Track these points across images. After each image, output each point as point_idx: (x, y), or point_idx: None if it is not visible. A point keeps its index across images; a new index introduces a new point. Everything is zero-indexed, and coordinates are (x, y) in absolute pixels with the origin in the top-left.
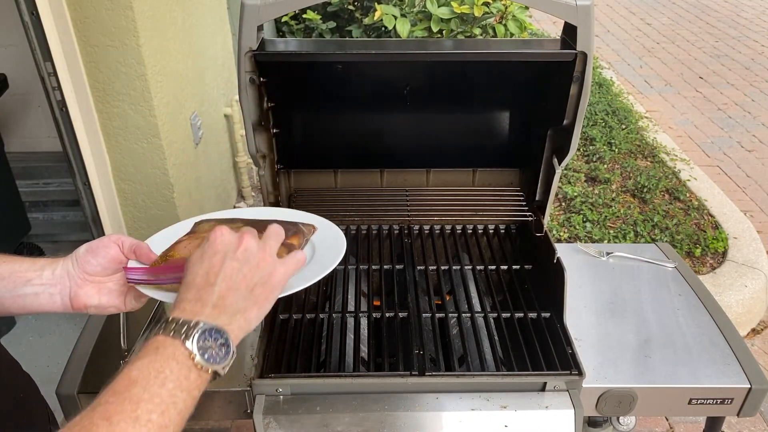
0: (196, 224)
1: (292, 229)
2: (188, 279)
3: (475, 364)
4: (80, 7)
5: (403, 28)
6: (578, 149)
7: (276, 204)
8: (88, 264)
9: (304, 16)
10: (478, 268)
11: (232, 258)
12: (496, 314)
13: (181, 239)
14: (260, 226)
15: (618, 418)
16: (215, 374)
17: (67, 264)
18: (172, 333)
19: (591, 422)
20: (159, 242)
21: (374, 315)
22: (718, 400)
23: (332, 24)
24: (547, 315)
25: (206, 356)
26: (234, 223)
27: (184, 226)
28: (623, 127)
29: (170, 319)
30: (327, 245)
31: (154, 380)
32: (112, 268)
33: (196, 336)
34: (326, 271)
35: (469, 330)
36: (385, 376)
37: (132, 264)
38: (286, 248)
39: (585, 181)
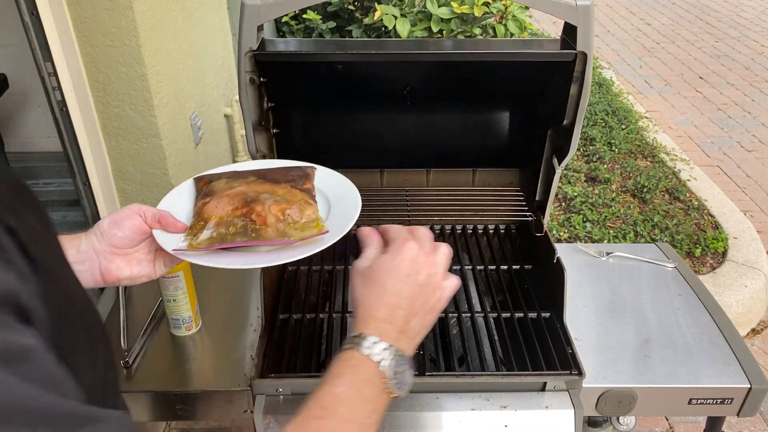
0: (202, 183)
1: (302, 175)
2: (379, 293)
3: (475, 364)
4: (80, 7)
5: (403, 28)
6: (578, 149)
7: None
8: (115, 237)
9: (304, 16)
10: (478, 268)
11: (417, 283)
12: (496, 314)
13: (203, 201)
14: (270, 177)
15: (618, 418)
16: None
17: (91, 239)
18: (368, 353)
19: (591, 422)
20: (168, 209)
21: None
22: (718, 400)
23: (332, 24)
24: (547, 315)
25: (396, 382)
26: (242, 177)
27: (183, 190)
28: (623, 127)
29: (362, 335)
30: (337, 194)
31: (357, 401)
32: (138, 239)
33: (390, 361)
34: (352, 221)
35: (469, 330)
36: None
37: (162, 237)
38: (305, 193)
39: (585, 181)
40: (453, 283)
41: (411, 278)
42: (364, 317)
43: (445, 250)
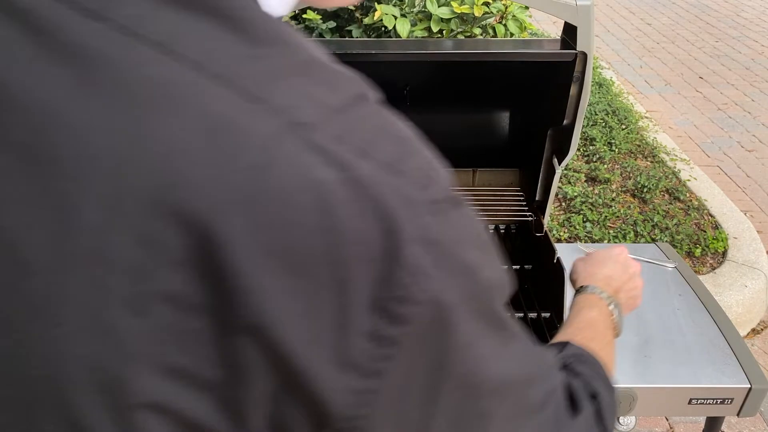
0: None
1: None
2: (598, 269)
3: None
4: None
5: (403, 28)
6: (578, 149)
7: None
8: None
9: (304, 16)
10: None
11: (627, 273)
12: None
13: None
14: None
15: (618, 418)
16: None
17: None
18: (601, 296)
19: None
20: None
21: None
22: (718, 400)
23: (332, 24)
24: (547, 315)
25: (618, 323)
26: None
27: None
28: (623, 127)
29: (589, 286)
30: None
31: (605, 323)
32: None
33: (613, 305)
34: None
35: None
36: None
37: None
38: None
39: (585, 181)
40: (642, 285)
41: (621, 267)
42: (586, 279)
43: (637, 270)
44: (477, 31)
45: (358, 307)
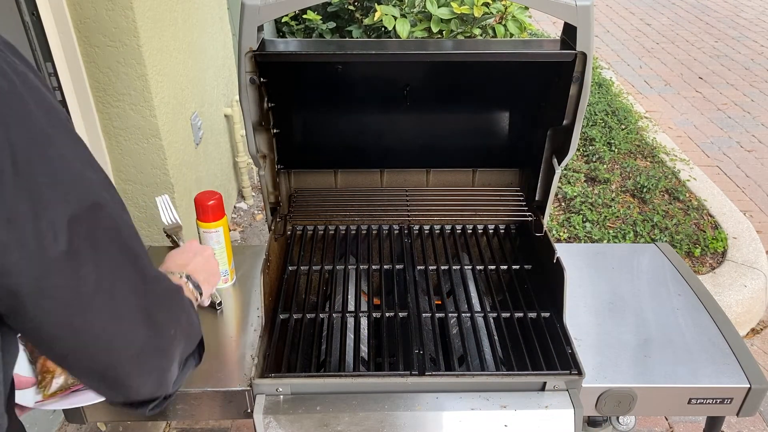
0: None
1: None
2: (175, 256)
3: (475, 364)
4: (80, 8)
5: (403, 29)
6: (578, 149)
7: (276, 204)
8: None
9: (304, 16)
10: (478, 268)
11: (200, 255)
12: (495, 314)
13: (44, 357)
14: None
15: (618, 418)
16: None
17: None
18: (179, 276)
19: (591, 422)
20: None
21: (374, 315)
22: (718, 400)
23: (332, 24)
24: (547, 315)
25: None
26: None
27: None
28: (623, 127)
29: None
30: None
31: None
32: None
33: (191, 279)
34: None
35: (469, 330)
36: (385, 376)
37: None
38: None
39: (585, 181)
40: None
41: (191, 254)
42: (170, 265)
43: (211, 252)
44: (477, 31)
45: None
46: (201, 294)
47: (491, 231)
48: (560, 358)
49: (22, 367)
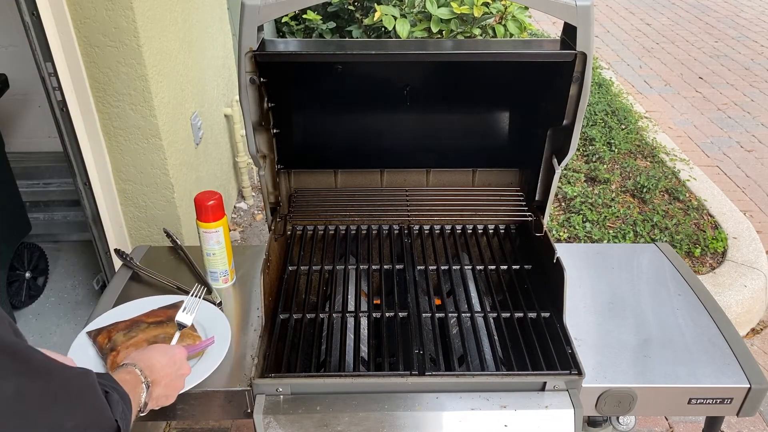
0: (101, 338)
1: (165, 318)
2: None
3: (475, 364)
4: (80, 8)
5: (403, 29)
6: (578, 149)
7: (276, 203)
8: None
9: (304, 16)
10: (478, 268)
11: (175, 371)
12: (495, 314)
13: (113, 355)
14: (161, 316)
15: (618, 418)
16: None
17: None
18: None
19: (591, 422)
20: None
21: (374, 315)
22: (718, 400)
23: (332, 24)
24: (547, 315)
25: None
26: (136, 326)
27: (79, 343)
28: (623, 127)
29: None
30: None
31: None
32: None
33: (146, 384)
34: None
35: (469, 330)
36: (385, 376)
37: None
38: (164, 327)
39: (585, 181)
40: (182, 387)
41: (171, 364)
42: (135, 359)
43: (183, 354)
44: (477, 31)
45: None
46: (146, 405)
47: (491, 231)
48: (560, 358)
49: (92, 363)
